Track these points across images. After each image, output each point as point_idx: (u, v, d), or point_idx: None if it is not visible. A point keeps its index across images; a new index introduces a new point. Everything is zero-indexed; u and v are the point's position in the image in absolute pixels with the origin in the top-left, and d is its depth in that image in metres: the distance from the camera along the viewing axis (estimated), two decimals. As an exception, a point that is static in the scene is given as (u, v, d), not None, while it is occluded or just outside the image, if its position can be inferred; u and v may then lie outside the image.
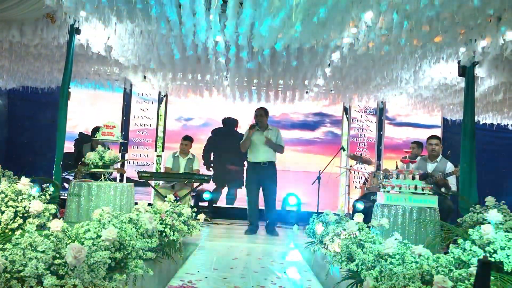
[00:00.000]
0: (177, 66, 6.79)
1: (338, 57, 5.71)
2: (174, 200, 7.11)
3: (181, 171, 7.39)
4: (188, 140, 7.55)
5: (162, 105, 9.21)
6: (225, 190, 9.20)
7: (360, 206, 6.88)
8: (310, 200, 8.56)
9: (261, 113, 6.90)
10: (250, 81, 7.51)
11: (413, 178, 5.17)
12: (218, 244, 5.63)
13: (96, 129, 7.28)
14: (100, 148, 5.30)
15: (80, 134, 9.02)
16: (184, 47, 5.95)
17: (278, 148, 6.86)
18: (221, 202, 9.14)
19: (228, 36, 5.34)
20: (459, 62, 5.39)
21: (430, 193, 5.07)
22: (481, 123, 8.65)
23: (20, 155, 9.20)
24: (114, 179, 8.40)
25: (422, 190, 5.02)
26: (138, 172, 6.84)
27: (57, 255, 2.21)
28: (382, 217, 5.08)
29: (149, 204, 4.87)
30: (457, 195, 5.81)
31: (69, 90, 5.53)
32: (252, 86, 7.90)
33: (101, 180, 5.30)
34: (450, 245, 3.17)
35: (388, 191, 5.03)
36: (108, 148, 5.62)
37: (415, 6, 3.99)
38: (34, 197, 3.44)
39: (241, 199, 9.01)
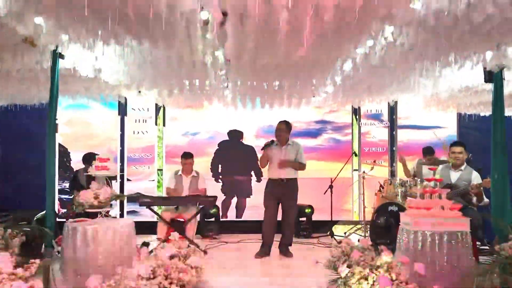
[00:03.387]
0: (172, 81, 6.27)
1: (350, 67, 5.19)
2: (179, 222, 6.71)
3: (185, 191, 6.93)
4: (189, 157, 7.05)
5: (160, 116, 8.70)
6: (234, 201, 8.78)
7: (382, 221, 6.43)
8: (321, 206, 8.10)
9: (282, 127, 6.39)
10: (253, 91, 6.95)
11: (440, 197, 4.71)
12: (228, 281, 5.15)
13: (88, 157, 6.79)
14: (94, 185, 4.83)
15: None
16: (180, 63, 5.44)
17: (297, 166, 6.38)
18: (231, 212, 8.71)
19: (229, 52, 4.82)
20: (485, 68, 4.85)
21: (459, 213, 4.61)
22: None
23: (16, 174, 8.73)
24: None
25: (451, 210, 4.58)
26: (138, 198, 6.35)
27: None
28: (409, 242, 4.64)
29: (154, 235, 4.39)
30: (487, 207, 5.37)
31: (56, 121, 5.02)
32: (255, 94, 7.34)
33: (99, 216, 4.86)
34: None
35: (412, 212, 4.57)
36: (107, 184, 5.10)
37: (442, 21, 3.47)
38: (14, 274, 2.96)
39: (250, 208, 8.66)
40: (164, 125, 8.70)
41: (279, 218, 6.48)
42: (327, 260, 4.92)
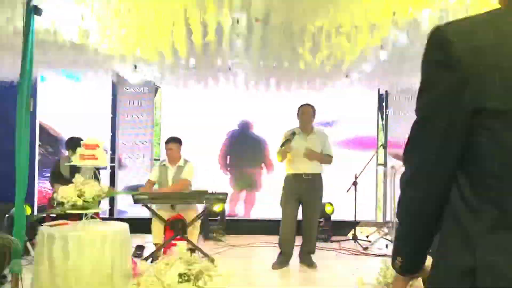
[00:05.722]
0: (178, 53, 5.15)
1: (405, 37, 4.11)
2: (178, 222, 5.63)
3: (170, 184, 5.73)
4: (172, 142, 5.71)
5: (158, 97, 7.58)
6: (242, 195, 7.68)
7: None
8: (339, 204, 7.03)
9: (308, 110, 5.34)
10: (272, 68, 5.84)
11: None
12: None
13: (72, 142, 5.67)
14: (79, 179, 3.72)
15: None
16: (189, 27, 4.34)
17: (324, 159, 5.34)
18: (239, 208, 7.62)
19: (255, 11, 3.73)
20: None
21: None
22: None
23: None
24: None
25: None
26: (133, 195, 5.22)
27: None
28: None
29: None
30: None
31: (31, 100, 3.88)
32: (274, 72, 6.19)
33: (85, 217, 3.77)
34: None
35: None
36: (96, 178, 3.97)
37: None
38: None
39: (259, 205, 7.57)
40: (161, 108, 7.58)
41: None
42: (377, 281, 3.91)
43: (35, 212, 6.53)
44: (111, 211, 7.23)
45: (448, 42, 1.03)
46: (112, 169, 7.25)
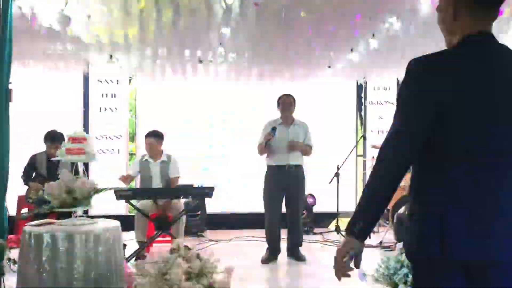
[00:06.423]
0: (161, 40, 4.93)
1: (399, 23, 4.06)
2: (163, 218, 5.44)
3: (154, 179, 5.56)
4: (152, 136, 5.54)
5: (133, 89, 7.28)
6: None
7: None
8: (320, 195, 6.99)
9: (290, 101, 5.24)
10: (259, 57, 5.69)
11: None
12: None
13: (52, 136, 5.33)
14: (66, 174, 3.46)
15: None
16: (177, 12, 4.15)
17: (307, 150, 5.26)
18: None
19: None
20: None
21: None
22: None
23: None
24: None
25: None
26: (115, 191, 4.96)
27: None
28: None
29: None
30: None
31: (10, 86, 3.58)
32: (252, 63, 6.04)
33: (74, 215, 3.51)
34: None
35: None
36: (77, 171, 3.71)
37: None
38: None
39: (236, 198, 7.37)
40: (137, 100, 7.27)
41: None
42: (378, 273, 3.85)
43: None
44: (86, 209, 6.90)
45: (422, 74, 1.38)
46: (85, 164, 6.90)
